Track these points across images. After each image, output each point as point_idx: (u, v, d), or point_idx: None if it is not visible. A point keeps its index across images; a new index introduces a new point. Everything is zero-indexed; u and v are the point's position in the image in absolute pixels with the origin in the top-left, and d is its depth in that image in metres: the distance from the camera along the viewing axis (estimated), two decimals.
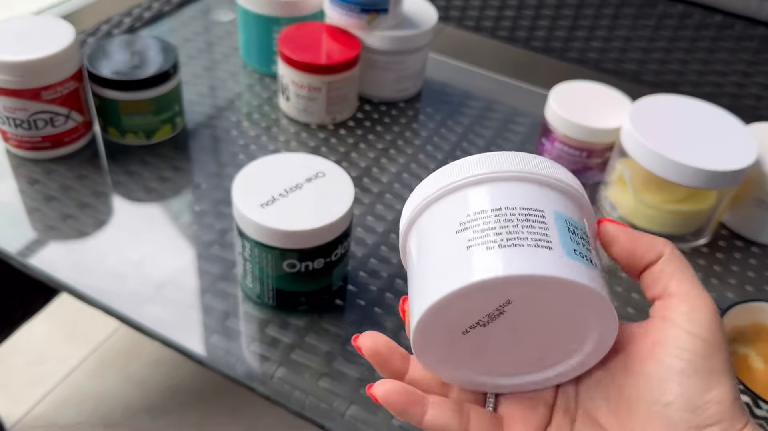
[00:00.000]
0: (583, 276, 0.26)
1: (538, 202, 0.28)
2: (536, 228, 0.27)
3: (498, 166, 0.28)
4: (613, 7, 1.02)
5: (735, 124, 0.62)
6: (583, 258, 0.27)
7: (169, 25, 0.83)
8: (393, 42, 0.71)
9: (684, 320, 0.27)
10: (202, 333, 0.51)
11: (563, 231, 0.27)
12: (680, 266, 0.29)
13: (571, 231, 0.27)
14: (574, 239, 0.27)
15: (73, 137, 0.63)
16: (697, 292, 0.28)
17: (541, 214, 0.27)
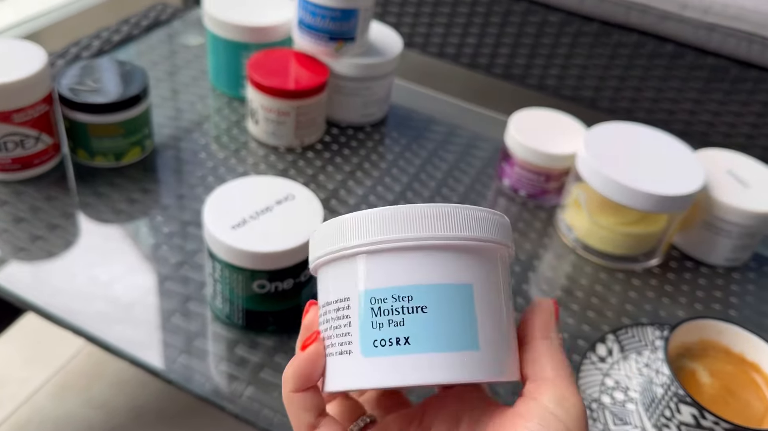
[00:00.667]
0: (379, 373, 0.26)
1: (345, 288, 0.27)
2: (342, 328, 0.27)
3: (320, 247, 0.28)
4: (570, 37, 1.06)
5: (684, 150, 0.65)
6: (385, 347, 0.26)
7: (137, 48, 0.84)
8: (360, 69, 0.73)
9: (553, 405, 0.27)
10: (171, 353, 0.52)
11: (366, 318, 0.27)
12: (563, 359, 0.29)
13: (377, 312, 0.26)
14: (378, 322, 0.26)
15: (43, 159, 0.63)
16: (570, 385, 0.28)
17: (346, 305, 0.27)
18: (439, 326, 0.26)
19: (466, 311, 0.26)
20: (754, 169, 0.67)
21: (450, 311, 0.26)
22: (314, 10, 0.68)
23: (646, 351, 0.55)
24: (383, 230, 0.26)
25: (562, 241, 0.67)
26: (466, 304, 0.26)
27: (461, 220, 0.27)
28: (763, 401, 0.47)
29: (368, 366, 0.26)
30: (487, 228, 0.27)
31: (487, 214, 0.27)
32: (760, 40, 0.96)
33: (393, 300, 0.26)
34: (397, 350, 0.26)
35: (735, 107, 1.03)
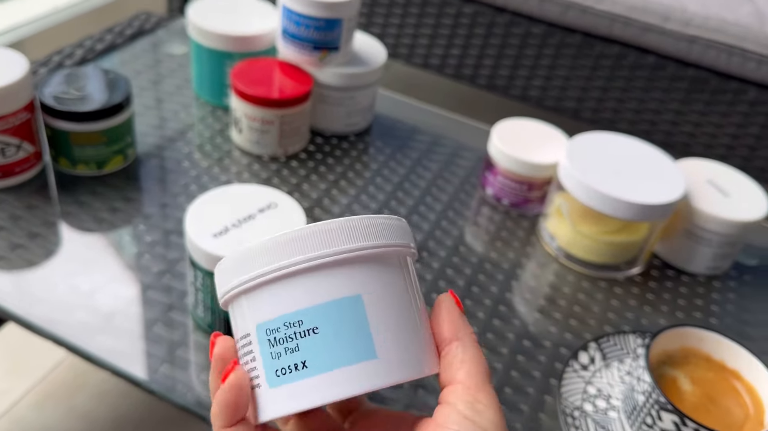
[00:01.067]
0: (284, 401, 0.27)
1: (244, 325, 0.28)
2: (250, 364, 0.28)
3: (218, 286, 0.29)
4: (553, 48, 1.06)
5: (665, 160, 0.65)
6: (286, 374, 0.27)
7: (121, 57, 0.84)
8: (344, 78, 0.73)
9: (466, 408, 0.27)
10: (153, 363, 0.51)
11: (265, 350, 0.27)
12: (473, 356, 0.29)
13: (273, 343, 0.27)
14: (275, 352, 0.27)
15: (24, 167, 0.63)
16: (483, 387, 0.28)
17: (248, 341, 0.28)
18: (333, 343, 0.26)
19: (358, 322, 0.27)
20: (734, 178, 0.68)
21: (341, 326, 0.26)
22: (298, 19, 0.68)
23: (627, 359, 0.55)
24: (261, 262, 0.27)
25: (545, 250, 0.67)
26: (357, 316, 0.27)
27: (337, 234, 0.27)
28: (744, 408, 0.48)
29: (275, 396, 0.27)
30: (366, 235, 0.27)
31: (361, 220, 0.27)
32: (739, 52, 0.98)
33: (285, 328, 0.27)
34: (297, 376, 0.26)
35: (715, 118, 1.04)
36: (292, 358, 0.26)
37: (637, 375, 0.48)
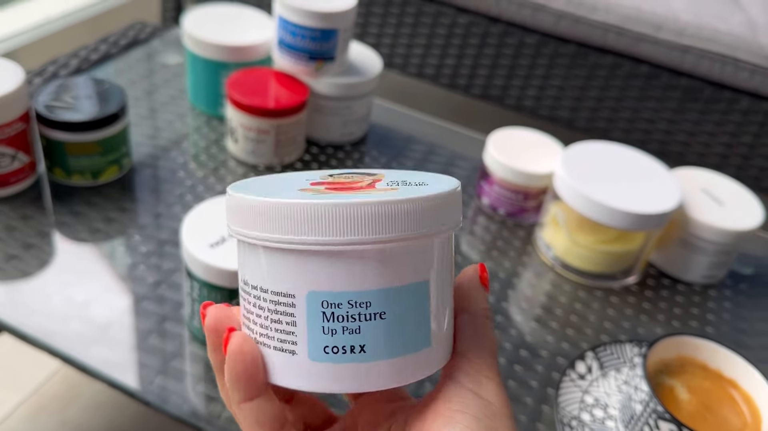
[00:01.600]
0: (330, 379, 0.25)
1: (289, 283, 0.24)
2: (283, 324, 0.25)
3: (267, 229, 0.24)
4: (547, 58, 1.07)
5: (660, 169, 0.66)
6: (337, 354, 0.25)
7: (115, 67, 0.84)
8: (339, 88, 0.73)
9: (468, 380, 0.27)
10: (148, 374, 0.51)
11: (315, 320, 0.24)
12: (480, 330, 0.28)
13: (329, 317, 0.24)
14: (330, 328, 0.24)
15: (19, 177, 0.63)
16: (487, 360, 0.27)
17: (289, 302, 0.25)
18: (396, 331, 0.25)
19: (421, 310, 0.25)
20: (729, 187, 0.68)
21: (407, 313, 0.25)
22: (294, 30, 0.68)
23: (624, 368, 0.55)
24: (340, 230, 0.23)
25: (541, 259, 0.67)
26: (422, 302, 0.25)
27: (421, 214, 0.24)
28: (741, 416, 0.48)
29: (318, 371, 0.25)
30: (444, 215, 0.25)
31: (441, 199, 0.25)
32: (732, 62, 0.98)
33: (349, 307, 0.24)
34: (350, 358, 0.24)
35: (709, 127, 1.04)
36: (350, 339, 0.24)
37: (635, 385, 0.48)
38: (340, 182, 0.26)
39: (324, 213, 0.23)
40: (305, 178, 0.27)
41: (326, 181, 0.26)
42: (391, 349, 0.25)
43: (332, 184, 0.26)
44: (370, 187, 0.25)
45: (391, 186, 0.25)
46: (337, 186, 0.25)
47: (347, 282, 0.24)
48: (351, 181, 0.26)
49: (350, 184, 0.26)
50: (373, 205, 0.23)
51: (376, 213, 0.23)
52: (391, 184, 0.26)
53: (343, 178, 0.27)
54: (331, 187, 0.25)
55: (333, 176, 0.27)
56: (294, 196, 0.24)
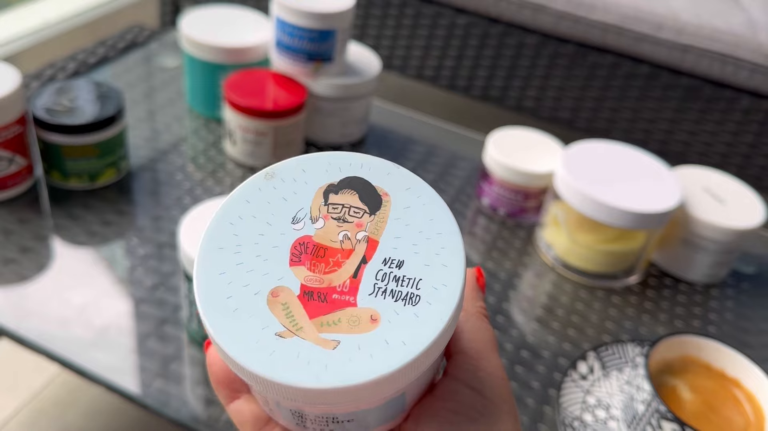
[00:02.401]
0: None
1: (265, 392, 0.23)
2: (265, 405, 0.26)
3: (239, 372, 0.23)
4: (547, 58, 1.07)
5: (661, 168, 0.65)
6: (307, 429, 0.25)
7: (113, 70, 0.84)
8: (338, 89, 0.73)
9: (468, 377, 0.26)
10: (147, 378, 0.50)
11: (289, 421, 0.25)
12: (478, 326, 0.27)
13: (301, 421, 0.25)
14: (300, 424, 0.25)
15: (16, 181, 0.62)
16: (486, 354, 0.27)
17: (268, 403, 0.25)
18: (367, 423, 0.25)
19: (394, 408, 0.25)
20: (730, 185, 0.68)
21: (375, 416, 0.25)
22: (292, 30, 0.68)
23: (627, 368, 0.55)
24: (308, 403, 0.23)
25: (542, 260, 0.67)
26: (395, 405, 0.25)
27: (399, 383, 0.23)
28: (744, 416, 0.47)
29: None
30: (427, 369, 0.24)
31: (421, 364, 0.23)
32: (732, 61, 0.98)
33: (315, 417, 0.24)
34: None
35: (710, 126, 1.04)
36: (318, 427, 0.25)
37: (637, 384, 0.47)
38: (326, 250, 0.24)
39: (278, 388, 0.22)
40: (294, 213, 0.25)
41: (311, 242, 0.24)
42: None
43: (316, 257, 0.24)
44: (351, 292, 0.23)
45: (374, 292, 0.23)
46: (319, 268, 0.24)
47: (311, 408, 0.24)
48: (340, 250, 0.24)
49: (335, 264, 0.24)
50: (325, 391, 0.22)
51: (326, 395, 0.22)
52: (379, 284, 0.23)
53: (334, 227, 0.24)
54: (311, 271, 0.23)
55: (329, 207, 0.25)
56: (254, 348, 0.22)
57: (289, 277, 0.23)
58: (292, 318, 0.23)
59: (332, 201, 0.25)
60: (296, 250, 0.24)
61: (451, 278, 0.23)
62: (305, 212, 0.25)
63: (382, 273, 0.24)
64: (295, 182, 0.26)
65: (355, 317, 0.23)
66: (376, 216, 0.25)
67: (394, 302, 0.23)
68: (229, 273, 0.23)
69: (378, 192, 0.25)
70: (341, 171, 0.26)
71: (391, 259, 0.24)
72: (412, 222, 0.25)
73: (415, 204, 0.25)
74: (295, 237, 0.24)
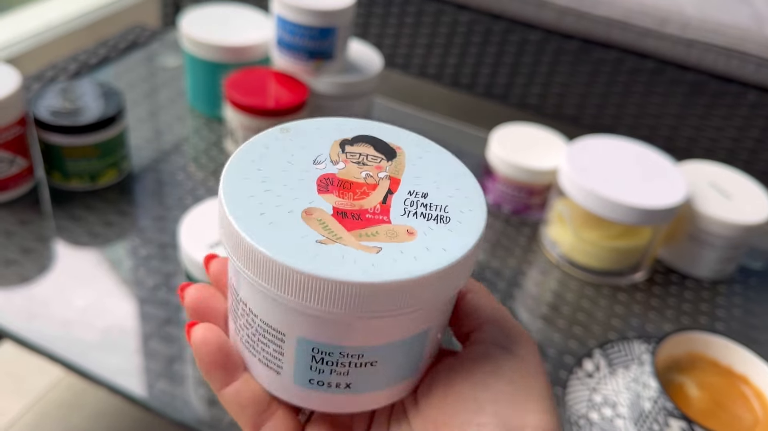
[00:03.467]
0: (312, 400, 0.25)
1: (281, 324, 0.24)
2: (270, 348, 0.24)
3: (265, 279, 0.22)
4: (550, 54, 1.06)
5: (666, 163, 0.65)
6: (323, 386, 0.24)
7: (114, 70, 0.84)
8: (339, 87, 0.72)
9: (501, 339, 0.25)
10: (150, 378, 0.50)
11: (304, 358, 0.24)
12: (490, 299, 0.27)
13: (318, 360, 0.24)
14: (318, 367, 0.24)
15: (17, 182, 0.62)
16: (511, 320, 0.26)
17: (279, 337, 0.24)
18: (387, 372, 0.25)
19: (418, 352, 0.25)
20: (736, 180, 0.67)
21: (401, 359, 0.25)
22: (292, 28, 0.68)
23: (633, 365, 0.54)
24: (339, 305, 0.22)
25: (547, 257, 0.66)
26: (419, 347, 0.25)
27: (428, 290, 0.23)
28: (752, 413, 0.47)
29: (300, 392, 0.25)
30: (455, 282, 0.24)
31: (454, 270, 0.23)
32: (738, 55, 0.97)
33: (340, 356, 0.23)
34: (335, 391, 0.25)
35: (716, 121, 1.03)
36: (336, 378, 0.24)
37: (643, 382, 0.47)
38: (351, 184, 0.24)
39: (324, 288, 0.21)
40: (314, 157, 0.25)
41: (336, 178, 0.24)
42: (379, 384, 0.25)
43: (342, 188, 0.24)
44: (383, 212, 0.23)
45: (406, 213, 0.24)
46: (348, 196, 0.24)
47: (340, 338, 0.23)
48: (365, 184, 0.24)
49: (362, 194, 0.24)
50: (359, 287, 0.21)
51: (363, 294, 0.21)
52: (408, 208, 0.24)
53: (355, 168, 0.25)
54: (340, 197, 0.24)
55: (347, 154, 0.26)
56: (296, 252, 0.21)
57: (319, 201, 0.23)
58: (330, 230, 0.22)
59: (349, 150, 0.26)
60: (322, 183, 0.24)
61: (474, 205, 0.25)
62: (325, 156, 0.25)
63: (409, 201, 0.24)
64: (308, 135, 0.26)
65: (392, 231, 0.23)
66: (393, 162, 0.26)
67: (426, 221, 0.24)
68: (258, 196, 0.23)
69: (391, 146, 0.27)
70: (353, 130, 0.27)
71: (415, 191, 0.25)
72: (427, 166, 0.26)
73: (427, 155, 0.27)
74: (319, 173, 0.25)
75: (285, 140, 0.26)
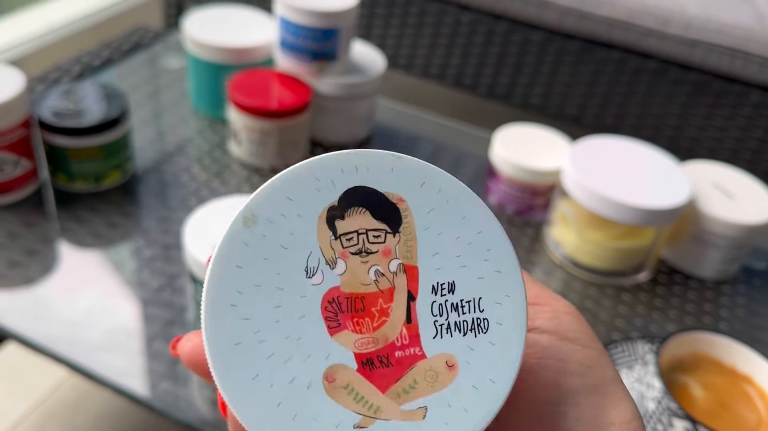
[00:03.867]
0: None
1: None
2: None
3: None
4: (553, 55, 1.06)
5: (670, 163, 0.65)
6: None
7: (118, 72, 0.84)
8: (342, 88, 0.72)
9: (553, 325, 0.22)
10: (154, 380, 0.50)
11: None
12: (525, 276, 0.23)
13: None
14: None
15: (22, 184, 0.62)
16: (553, 295, 0.23)
17: None
18: None
19: None
20: (740, 180, 0.67)
21: None
22: (295, 30, 0.68)
23: (637, 365, 0.54)
24: None
25: (550, 257, 0.66)
26: None
27: None
28: (756, 413, 0.47)
29: None
30: None
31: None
32: (741, 55, 0.97)
33: None
34: None
35: (719, 121, 1.03)
36: None
37: (647, 382, 0.47)
38: (363, 299, 0.20)
39: None
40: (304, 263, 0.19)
41: (342, 295, 0.19)
42: None
43: (355, 313, 0.19)
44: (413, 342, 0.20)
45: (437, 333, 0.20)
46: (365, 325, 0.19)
47: None
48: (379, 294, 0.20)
49: (380, 313, 0.20)
50: None
51: None
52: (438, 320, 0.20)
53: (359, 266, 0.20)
54: (357, 332, 0.19)
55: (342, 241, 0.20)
56: None
57: (337, 350, 0.19)
58: (364, 401, 0.19)
59: (342, 231, 0.20)
60: (329, 312, 0.19)
61: (510, 284, 0.20)
62: (317, 256, 0.19)
63: (437, 306, 0.20)
64: (286, 218, 0.19)
65: (430, 371, 0.19)
66: (401, 234, 0.20)
67: (464, 337, 0.20)
68: (263, 374, 0.18)
69: (391, 200, 0.21)
70: (335, 184, 0.20)
71: (440, 285, 0.20)
72: (444, 228, 0.21)
73: (438, 203, 0.21)
74: (320, 296, 0.19)
75: (257, 242, 0.19)
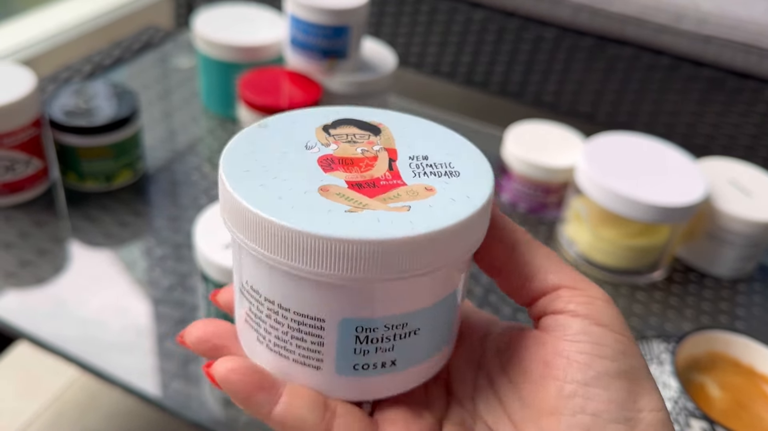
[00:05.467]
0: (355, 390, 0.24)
1: (318, 308, 0.23)
2: (307, 343, 0.23)
3: (290, 256, 0.21)
4: (565, 52, 1.05)
5: (685, 160, 0.64)
6: (368, 370, 0.24)
7: (128, 71, 0.84)
8: (353, 86, 0.72)
9: (588, 310, 0.22)
10: (165, 379, 0.50)
11: (347, 342, 0.23)
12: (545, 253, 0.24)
13: (363, 340, 0.23)
14: (362, 349, 0.23)
15: (33, 183, 0.62)
16: (588, 281, 0.23)
17: (319, 325, 0.23)
18: (428, 340, 0.24)
19: (451, 315, 0.25)
20: (756, 177, 0.66)
21: (439, 322, 0.25)
22: (306, 27, 0.67)
23: (653, 365, 0.54)
24: (378, 268, 0.21)
25: (564, 256, 0.66)
26: (452, 310, 0.25)
27: (456, 243, 0.22)
28: None
29: (343, 383, 0.24)
30: (476, 234, 0.24)
31: (474, 221, 0.23)
32: (756, 51, 0.96)
33: (385, 329, 0.23)
34: (380, 372, 0.24)
35: (734, 118, 1.02)
36: (381, 357, 0.24)
37: (663, 382, 0.46)
38: (352, 160, 0.24)
39: (359, 251, 0.21)
40: (304, 144, 0.25)
41: (335, 157, 0.24)
42: (420, 356, 0.25)
43: (345, 164, 0.24)
44: (395, 177, 0.24)
45: (416, 175, 0.24)
46: (354, 170, 0.24)
47: (384, 308, 0.23)
48: (365, 158, 0.24)
49: (366, 166, 0.24)
50: (408, 242, 0.21)
51: (412, 250, 0.21)
52: (416, 170, 0.24)
53: (348, 147, 0.25)
54: (348, 172, 0.23)
55: (334, 137, 0.25)
56: (333, 224, 0.21)
57: (330, 178, 0.23)
58: (354, 200, 0.22)
59: (334, 133, 0.26)
60: (324, 163, 0.24)
61: (474, 157, 0.25)
62: (314, 141, 0.25)
63: (414, 164, 0.24)
64: (290, 127, 0.26)
65: (411, 191, 0.23)
66: (381, 136, 0.26)
67: (439, 178, 0.24)
68: (268, 185, 0.22)
69: (372, 124, 0.27)
70: (329, 117, 0.27)
71: (415, 155, 0.25)
72: (415, 134, 0.26)
73: (410, 125, 0.27)
74: (316, 156, 0.24)
75: (266, 134, 0.25)
